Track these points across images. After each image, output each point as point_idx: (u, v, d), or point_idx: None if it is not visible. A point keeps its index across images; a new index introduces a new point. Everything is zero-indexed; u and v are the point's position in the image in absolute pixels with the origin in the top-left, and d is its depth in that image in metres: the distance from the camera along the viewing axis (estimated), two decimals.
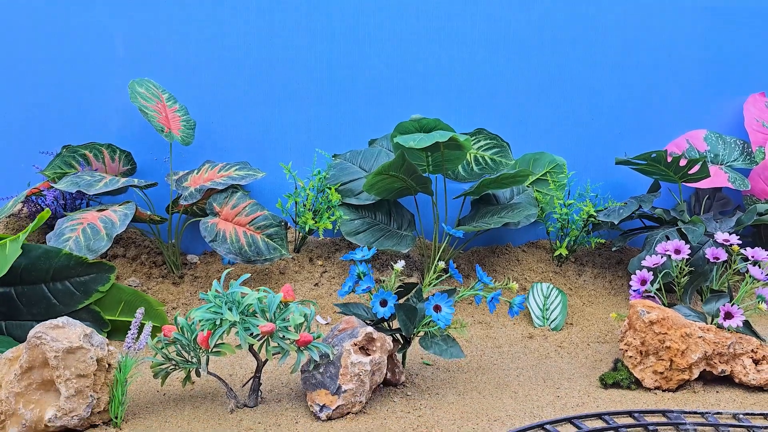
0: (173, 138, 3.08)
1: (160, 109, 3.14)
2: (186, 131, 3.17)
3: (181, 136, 3.12)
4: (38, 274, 2.64)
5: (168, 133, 3.07)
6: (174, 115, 3.19)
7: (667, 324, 2.42)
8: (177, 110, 3.24)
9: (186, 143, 3.15)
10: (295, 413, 2.20)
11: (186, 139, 3.15)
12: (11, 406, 1.97)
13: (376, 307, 2.28)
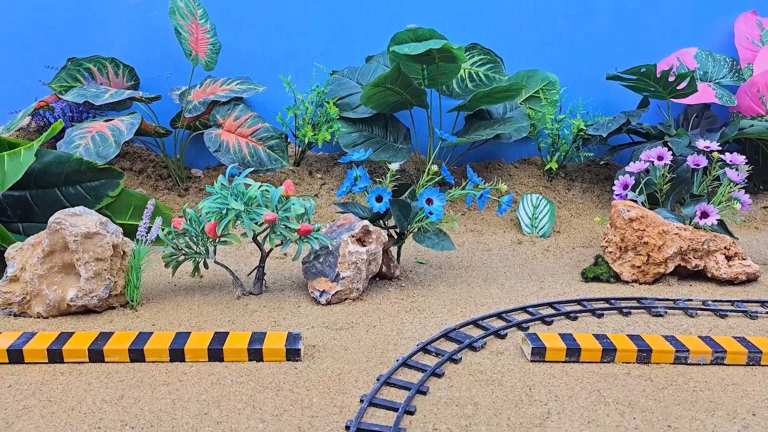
0: (198, 62, 3.15)
1: (192, 29, 3.19)
2: (211, 56, 3.23)
3: (205, 60, 3.19)
4: (51, 179, 2.78)
5: (194, 57, 3.13)
6: (203, 37, 3.24)
7: (645, 221, 2.58)
8: (207, 30, 3.27)
9: (209, 68, 3.22)
10: (297, 299, 2.37)
11: (209, 64, 3.22)
12: (35, 287, 2.14)
13: (372, 203, 2.43)
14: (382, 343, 2.03)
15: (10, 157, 2.56)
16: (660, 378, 1.87)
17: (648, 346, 1.95)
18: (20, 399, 1.69)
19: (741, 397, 1.78)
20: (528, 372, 1.88)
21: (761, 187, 3.83)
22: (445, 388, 1.79)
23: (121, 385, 1.76)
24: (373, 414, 1.65)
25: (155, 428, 1.57)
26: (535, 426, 1.62)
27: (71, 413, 1.63)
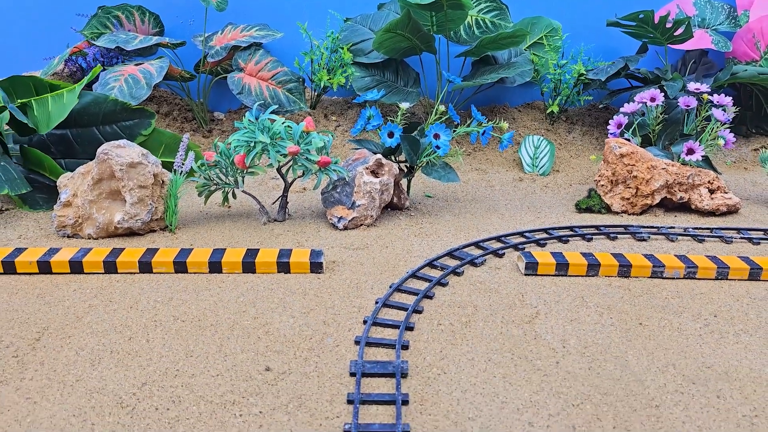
0: (209, 3, 3.35)
1: None
2: None
3: (216, 1, 3.39)
4: (90, 118, 3.03)
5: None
6: None
7: (635, 157, 2.81)
8: None
9: (220, 9, 3.43)
10: (317, 225, 2.64)
11: (221, 5, 3.42)
12: (86, 211, 2.42)
13: (384, 138, 2.67)
14: (393, 260, 2.30)
15: (54, 99, 2.81)
16: (637, 288, 2.14)
17: (628, 262, 2.21)
18: (85, 299, 1.98)
19: (706, 303, 2.05)
20: (522, 283, 2.15)
21: (754, 131, 4.03)
22: (449, 294, 2.06)
23: (169, 291, 2.05)
24: (386, 313, 1.93)
25: (202, 321, 1.86)
26: (525, 323, 1.89)
27: (130, 310, 1.92)
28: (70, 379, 1.58)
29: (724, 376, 1.65)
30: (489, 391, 1.56)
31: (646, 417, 1.48)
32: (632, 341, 1.80)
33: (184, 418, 1.44)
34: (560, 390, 1.57)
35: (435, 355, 1.71)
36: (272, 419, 1.45)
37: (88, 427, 1.41)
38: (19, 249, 2.22)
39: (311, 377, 1.60)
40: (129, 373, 1.61)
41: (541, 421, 1.46)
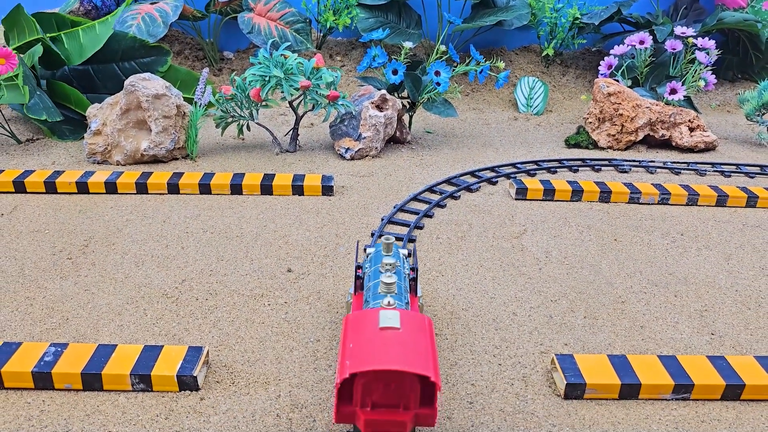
0: None
1: None
2: None
3: None
4: (110, 55, 3.20)
5: None
6: None
7: (622, 96, 3.02)
8: None
9: None
10: (326, 156, 2.87)
11: None
12: (115, 139, 2.63)
13: (388, 75, 2.86)
14: (396, 186, 2.54)
15: (85, 31, 2.99)
16: (615, 211, 2.38)
17: (609, 189, 2.45)
18: (122, 215, 2.22)
19: (676, 224, 2.30)
20: (512, 206, 2.40)
21: (739, 76, 4.22)
22: (447, 214, 2.31)
23: (196, 208, 2.29)
24: (391, 228, 2.17)
25: (227, 233, 2.11)
26: (514, 238, 2.15)
27: (163, 224, 2.17)
28: (119, 276, 1.83)
29: (683, 281, 1.91)
30: (480, 289, 1.82)
31: (613, 310, 1.75)
32: (606, 253, 2.06)
33: (222, 306, 1.70)
34: (541, 289, 1.84)
35: (434, 261, 1.97)
36: (296, 308, 1.71)
37: (141, 312, 1.67)
38: (58, 171, 2.44)
39: (327, 277, 1.86)
40: (169, 273, 1.86)
41: (524, 312, 1.72)
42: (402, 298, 1.33)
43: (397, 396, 1.14)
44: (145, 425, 1.29)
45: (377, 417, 1.14)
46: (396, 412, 1.15)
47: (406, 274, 1.47)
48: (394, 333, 1.15)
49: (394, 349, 1.11)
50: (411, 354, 1.11)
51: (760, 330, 1.68)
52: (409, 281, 1.51)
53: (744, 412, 1.39)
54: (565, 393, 1.40)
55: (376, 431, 1.15)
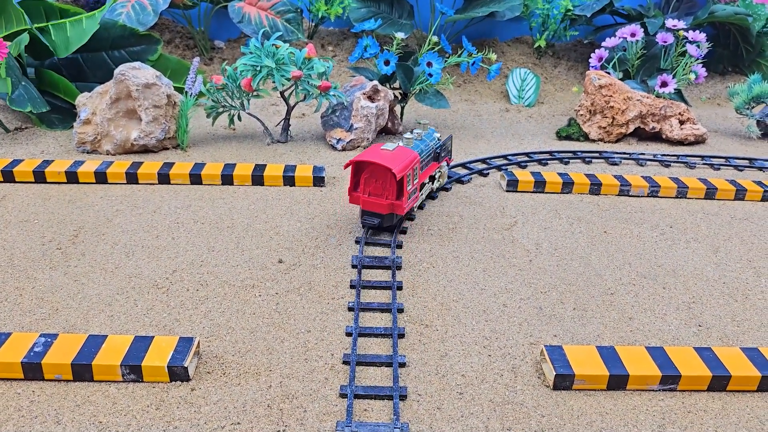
0: None
1: None
2: None
3: None
4: (99, 43, 3.17)
5: None
6: None
7: (613, 89, 3.02)
8: None
9: None
10: (317, 147, 2.86)
11: None
12: (105, 129, 2.61)
13: (380, 65, 2.86)
14: None
15: (72, 24, 2.96)
16: (605, 204, 2.40)
17: (599, 181, 2.46)
18: (112, 205, 2.21)
19: (665, 216, 2.31)
20: (503, 198, 2.41)
21: (730, 69, 4.24)
22: (438, 206, 2.31)
23: (187, 199, 2.28)
24: None
25: (219, 224, 2.10)
26: (505, 230, 2.15)
27: (154, 214, 2.16)
28: (109, 267, 1.83)
29: (672, 273, 1.93)
30: (471, 281, 1.83)
31: (602, 301, 1.76)
32: (596, 245, 2.07)
33: (212, 297, 1.70)
34: (531, 281, 1.85)
35: (425, 253, 1.97)
36: (287, 299, 1.71)
37: (131, 302, 1.67)
38: (47, 161, 2.42)
39: (318, 268, 1.86)
40: (160, 263, 1.85)
41: (514, 303, 1.73)
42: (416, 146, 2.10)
43: (382, 189, 1.96)
44: (136, 416, 1.30)
45: (370, 200, 1.97)
46: (381, 198, 1.97)
47: (431, 146, 2.21)
48: (386, 151, 1.99)
49: (381, 156, 1.95)
50: (389, 160, 1.93)
51: (746, 322, 1.70)
52: (434, 155, 2.24)
53: (730, 403, 1.41)
54: (554, 384, 1.41)
55: (368, 209, 1.98)
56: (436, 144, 2.25)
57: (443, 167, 2.33)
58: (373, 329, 1.57)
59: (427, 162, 2.17)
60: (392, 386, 1.38)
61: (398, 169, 1.90)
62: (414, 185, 2.03)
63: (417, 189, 2.06)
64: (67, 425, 1.27)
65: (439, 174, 2.31)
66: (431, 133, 2.27)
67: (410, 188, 1.99)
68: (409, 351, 1.52)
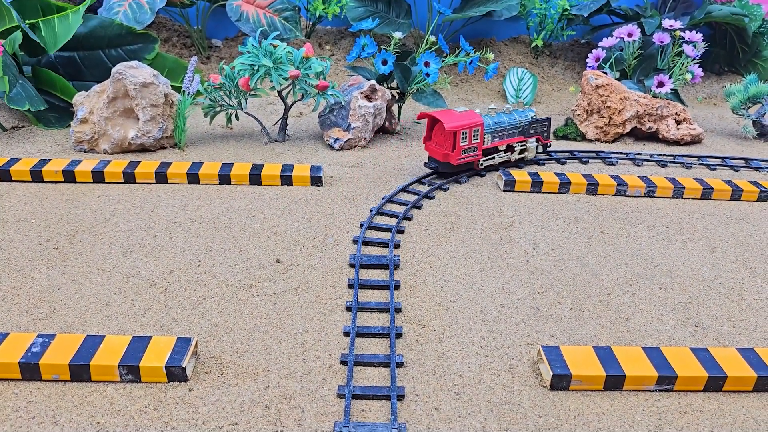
0: None
1: None
2: None
3: None
4: (96, 42, 3.16)
5: None
6: None
7: (610, 88, 3.03)
8: None
9: None
10: (314, 146, 2.86)
11: None
12: (102, 128, 2.61)
13: (378, 65, 2.86)
14: (385, 176, 2.54)
15: (60, 20, 2.95)
16: (602, 204, 2.40)
17: (596, 181, 2.47)
18: (110, 204, 2.21)
19: (661, 217, 2.32)
20: (500, 198, 2.41)
21: (726, 69, 4.25)
22: (435, 206, 2.31)
23: (184, 198, 2.28)
24: (380, 219, 2.18)
25: (216, 224, 2.10)
26: (502, 229, 2.16)
27: (151, 214, 2.16)
28: (107, 267, 1.83)
29: (668, 273, 1.93)
30: (468, 281, 1.83)
31: (599, 301, 1.77)
32: (593, 245, 2.08)
33: (210, 297, 1.70)
34: (528, 281, 1.85)
35: (422, 252, 1.98)
36: (284, 299, 1.71)
37: (129, 302, 1.67)
38: (44, 160, 2.42)
39: (316, 268, 1.86)
40: (158, 263, 1.85)
41: (511, 304, 1.74)
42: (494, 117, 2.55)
43: (443, 141, 2.44)
44: (134, 416, 1.30)
45: (434, 148, 2.47)
46: (440, 148, 2.45)
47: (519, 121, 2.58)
48: (453, 112, 2.46)
49: (444, 114, 2.43)
50: (449, 118, 2.40)
51: (742, 322, 1.71)
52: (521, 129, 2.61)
53: (726, 403, 1.41)
54: (551, 384, 1.41)
55: (432, 155, 2.49)
56: (526, 120, 2.58)
57: (530, 143, 2.63)
58: (370, 329, 1.57)
59: (507, 133, 2.56)
60: (390, 386, 1.39)
61: (451, 125, 2.36)
62: (472, 144, 2.44)
63: (477, 148, 2.46)
64: (65, 426, 1.27)
65: (523, 147, 2.62)
66: (526, 111, 2.61)
67: (465, 145, 2.41)
68: (406, 351, 1.52)
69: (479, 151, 2.49)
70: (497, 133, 2.53)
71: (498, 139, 2.54)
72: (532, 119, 2.61)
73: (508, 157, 2.63)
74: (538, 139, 2.68)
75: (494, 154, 2.58)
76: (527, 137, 2.61)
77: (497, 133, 2.53)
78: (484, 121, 2.47)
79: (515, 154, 2.62)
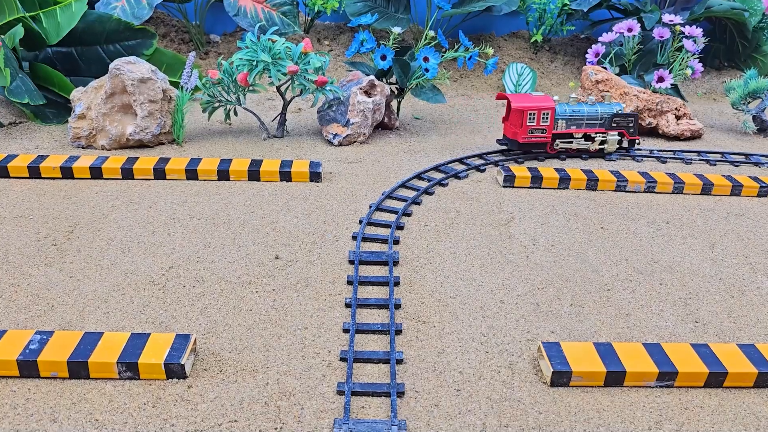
0: None
1: None
2: None
3: None
4: (94, 37, 3.15)
5: None
6: None
7: (609, 84, 3.02)
8: None
9: None
10: (313, 142, 2.85)
11: None
12: (100, 124, 2.60)
13: (377, 60, 2.85)
14: (385, 172, 2.53)
15: (62, 9, 2.93)
16: (602, 199, 2.40)
17: (595, 176, 2.46)
18: (108, 200, 2.20)
19: (661, 212, 2.32)
20: (500, 194, 2.40)
21: (726, 64, 4.24)
22: (435, 201, 2.31)
23: (183, 194, 2.27)
24: (379, 215, 2.17)
25: (215, 219, 2.09)
26: (502, 225, 2.15)
27: (150, 210, 2.15)
28: (105, 263, 1.82)
29: (668, 269, 1.93)
30: (468, 277, 1.83)
31: (599, 297, 1.76)
32: (593, 241, 2.07)
33: (209, 293, 1.70)
34: (528, 277, 1.85)
35: (422, 248, 1.97)
36: (284, 295, 1.70)
37: (127, 299, 1.66)
38: (42, 156, 2.41)
39: (315, 264, 1.86)
40: (156, 259, 1.85)
41: (511, 300, 1.73)
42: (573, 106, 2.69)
43: (515, 121, 2.64)
44: (133, 413, 1.29)
45: (507, 126, 2.71)
46: (511, 127, 2.68)
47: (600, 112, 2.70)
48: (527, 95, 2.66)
49: (517, 96, 2.65)
50: (519, 99, 2.62)
51: (742, 318, 1.71)
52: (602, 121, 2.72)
53: (726, 399, 1.41)
54: (552, 380, 1.41)
55: (504, 133, 2.73)
56: (609, 113, 2.69)
57: (611, 135, 2.71)
58: (370, 326, 1.57)
59: (586, 123, 2.68)
60: (390, 383, 1.38)
61: (519, 105, 2.58)
62: (541, 126, 2.60)
63: (545, 131, 2.61)
64: (63, 423, 1.26)
65: (603, 139, 2.72)
66: (612, 105, 2.71)
67: (533, 125, 2.58)
68: (406, 347, 1.52)
69: (548, 134, 2.63)
70: (573, 121, 2.66)
71: (574, 126, 2.67)
72: (616, 113, 2.69)
73: (588, 147, 2.72)
74: (623, 134, 2.74)
75: (572, 140, 2.70)
76: (608, 130, 2.70)
77: (573, 121, 2.67)
78: (560, 108, 2.63)
79: (594, 144, 2.71)
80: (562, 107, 2.65)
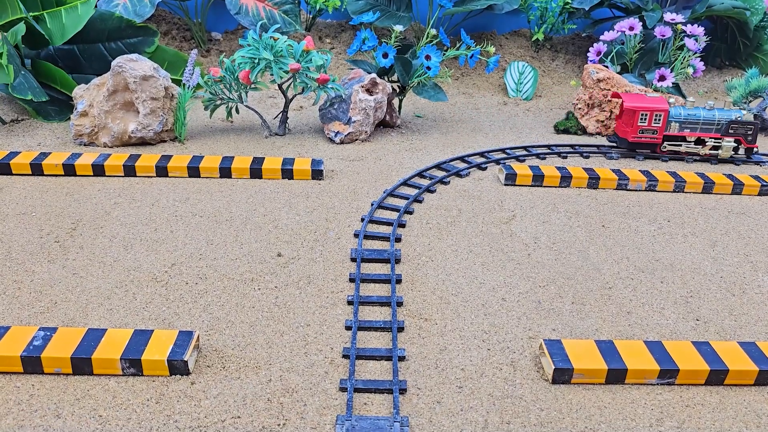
0: None
1: None
2: None
3: None
4: (95, 34, 3.15)
5: None
6: None
7: (611, 82, 3.02)
8: None
9: None
10: (315, 140, 2.85)
11: None
12: (102, 121, 2.60)
13: (379, 58, 2.85)
14: (386, 170, 2.54)
15: (67, 11, 2.93)
16: (603, 198, 2.40)
17: (597, 175, 2.47)
18: (110, 198, 2.21)
19: (662, 211, 2.32)
20: (501, 192, 2.41)
21: (727, 63, 4.24)
22: (437, 199, 2.31)
23: (185, 192, 2.28)
24: (381, 213, 2.17)
25: (217, 217, 2.10)
26: (503, 223, 2.16)
27: (152, 207, 2.15)
28: (108, 260, 1.82)
29: (669, 267, 1.93)
30: (469, 275, 1.83)
31: (600, 296, 1.77)
32: (594, 239, 2.08)
33: (212, 290, 1.70)
34: (530, 275, 1.85)
35: (424, 246, 1.98)
36: (286, 292, 1.71)
37: (130, 296, 1.67)
38: (44, 153, 2.41)
39: (317, 262, 1.86)
40: (159, 256, 1.85)
41: (513, 298, 1.74)
42: (689, 109, 2.71)
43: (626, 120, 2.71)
44: (136, 410, 1.30)
45: (618, 124, 2.79)
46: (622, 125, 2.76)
47: (718, 117, 2.70)
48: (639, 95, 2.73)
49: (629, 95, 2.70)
50: (630, 99, 2.68)
51: (743, 316, 1.71)
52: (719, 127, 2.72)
53: (727, 397, 1.42)
54: (553, 378, 1.41)
55: (615, 131, 2.81)
56: (726, 119, 2.68)
57: (726, 141, 2.69)
58: (372, 323, 1.57)
59: (701, 127, 2.68)
60: (392, 380, 1.39)
61: (630, 105, 2.64)
62: (652, 127, 2.64)
63: (657, 132, 2.66)
64: (67, 419, 1.27)
65: (716, 144, 2.71)
66: (731, 111, 2.71)
67: (644, 125, 2.63)
68: (408, 345, 1.52)
69: (659, 135, 2.67)
70: (688, 124, 2.67)
71: (688, 130, 2.68)
72: (734, 119, 2.68)
73: (698, 150, 2.72)
74: (740, 141, 2.73)
75: (682, 143, 2.70)
76: (725, 136, 2.69)
77: (688, 125, 2.67)
78: (674, 111, 2.66)
79: (705, 148, 2.71)
80: (677, 110, 2.67)
